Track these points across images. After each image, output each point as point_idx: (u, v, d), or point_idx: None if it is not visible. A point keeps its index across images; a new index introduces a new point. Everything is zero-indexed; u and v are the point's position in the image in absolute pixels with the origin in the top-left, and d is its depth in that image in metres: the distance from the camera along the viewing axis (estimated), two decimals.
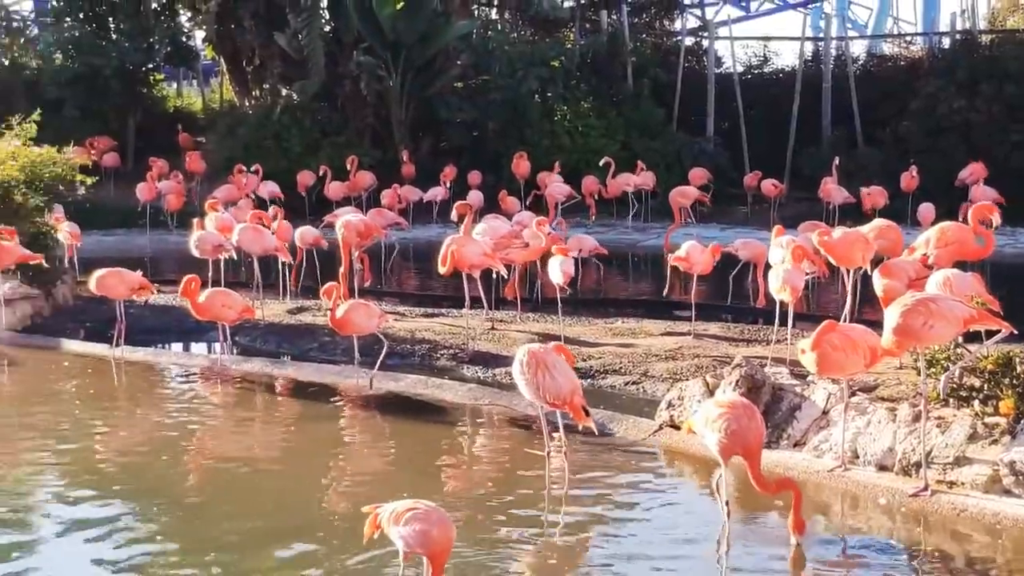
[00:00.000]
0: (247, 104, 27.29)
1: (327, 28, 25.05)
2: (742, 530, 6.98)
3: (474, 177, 20.95)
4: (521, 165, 21.34)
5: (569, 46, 26.17)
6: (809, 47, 26.42)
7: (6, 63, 28.73)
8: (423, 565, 5.57)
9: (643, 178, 20.61)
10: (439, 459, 8.72)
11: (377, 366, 10.28)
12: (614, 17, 27.03)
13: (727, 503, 6.65)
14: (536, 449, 8.26)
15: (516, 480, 8.16)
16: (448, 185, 20.69)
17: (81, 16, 27.25)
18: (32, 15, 33.79)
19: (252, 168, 20.46)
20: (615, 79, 24.99)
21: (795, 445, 8.26)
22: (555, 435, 8.14)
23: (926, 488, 7.22)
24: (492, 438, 9.38)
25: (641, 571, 6.53)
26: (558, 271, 11.33)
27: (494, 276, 12.70)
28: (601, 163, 20.15)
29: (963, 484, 7.15)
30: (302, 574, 6.43)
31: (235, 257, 13.98)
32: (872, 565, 6.66)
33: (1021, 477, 6.88)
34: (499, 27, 28.60)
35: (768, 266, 10.85)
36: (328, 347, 11.84)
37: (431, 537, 5.39)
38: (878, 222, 11.16)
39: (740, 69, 26.29)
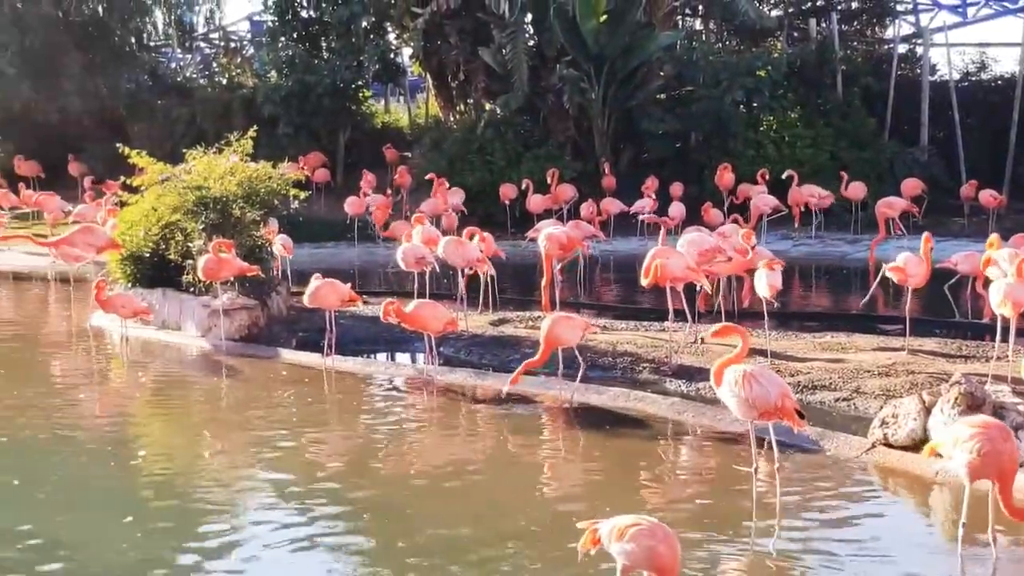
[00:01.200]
0: (452, 119, 27.74)
1: (531, 43, 25.24)
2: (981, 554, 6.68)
3: (676, 189, 20.80)
4: (725, 176, 21.06)
5: (776, 55, 25.66)
6: None
7: (224, 82, 29.88)
8: None
9: (852, 190, 20.10)
10: (642, 473, 8.67)
11: (579, 379, 10.31)
12: (823, 25, 26.53)
13: (994, 534, 6.38)
14: (743, 465, 8.12)
15: (722, 497, 8.05)
16: (654, 196, 20.56)
17: (295, 36, 28.09)
18: (249, 35, 35.12)
19: (426, 177, 20.83)
20: (824, 88, 24.44)
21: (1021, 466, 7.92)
22: (764, 451, 8.01)
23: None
24: (697, 453, 9.27)
25: None
26: (765, 284, 11.13)
27: (697, 288, 12.55)
28: (784, 175, 19.71)
29: None
30: None
31: (438, 269, 14.17)
32: None
33: None
34: (703, 37, 28.35)
35: (988, 280, 10.45)
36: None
37: (658, 553, 5.33)
38: None
39: (956, 76, 25.42)
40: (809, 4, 28.33)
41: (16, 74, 27.41)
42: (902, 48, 26.88)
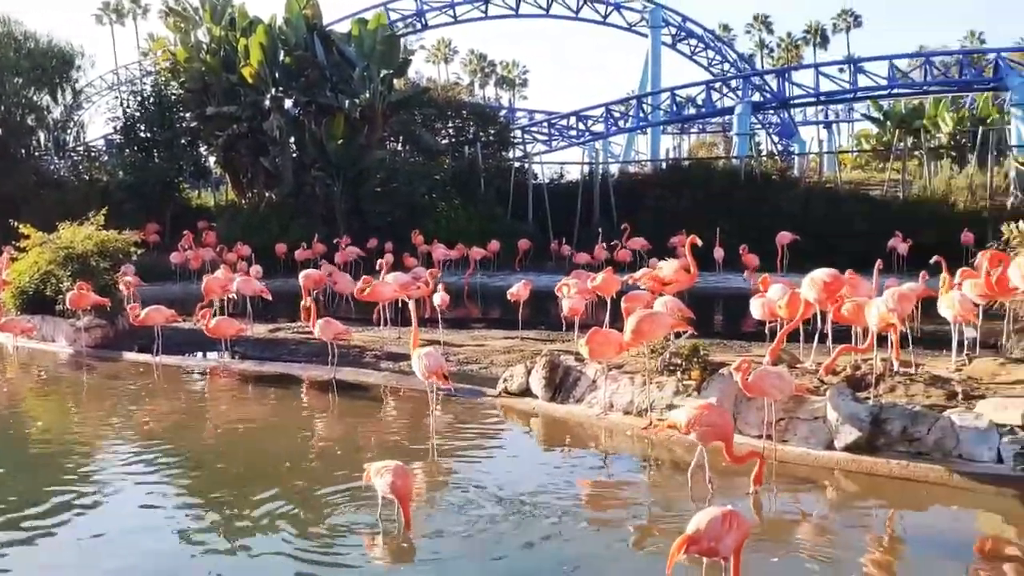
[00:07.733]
0: (243, 202, 26.65)
1: (295, 155, 24.73)
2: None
3: (388, 247, 20.16)
4: (417, 238, 21.14)
5: (445, 167, 26.25)
6: (587, 168, 27.02)
7: (87, 178, 27.54)
8: (394, 506, 5.44)
9: (491, 246, 20.64)
10: (369, 418, 8.51)
11: (331, 363, 10.11)
12: (473, 149, 27.27)
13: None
14: (426, 408, 8.22)
15: (411, 429, 8.03)
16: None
17: (136, 147, 26.36)
18: (104, 146, 32.55)
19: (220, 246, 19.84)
20: (474, 187, 25.12)
21: (577, 401, 8.40)
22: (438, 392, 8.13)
23: (651, 424, 7.45)
24: (400, 402, 9.10)
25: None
26: (439, 298, 11.35)
27: (388, 305, 12.44)
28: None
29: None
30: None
31: (236, 298, 13.49)
32: (614, 472, 6.86)
33: None
34: (401, 155, 28.49)
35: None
36: (296, 353, 11.62)
37: (397, 485, 5.32)
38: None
39: (547, 181, 26.67)
40: (463, 136, 29.08)
41: None
42: (517, 164, 27.97)
